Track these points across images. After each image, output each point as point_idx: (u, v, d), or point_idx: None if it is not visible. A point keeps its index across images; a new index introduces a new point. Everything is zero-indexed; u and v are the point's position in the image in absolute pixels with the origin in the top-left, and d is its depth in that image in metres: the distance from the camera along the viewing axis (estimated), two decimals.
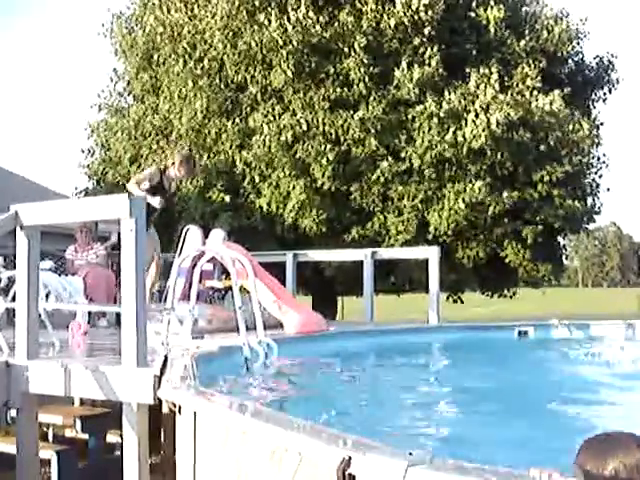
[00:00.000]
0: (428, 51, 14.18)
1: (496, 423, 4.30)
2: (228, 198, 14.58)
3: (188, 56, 14.76)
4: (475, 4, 15.34)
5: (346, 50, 14.04)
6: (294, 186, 13.98)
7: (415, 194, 14.05)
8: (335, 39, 14.09)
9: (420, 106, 13.89)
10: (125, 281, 4.17)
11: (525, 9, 16.85)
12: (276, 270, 8.91)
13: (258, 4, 14.24)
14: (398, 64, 14.15)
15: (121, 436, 4.23)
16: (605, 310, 29.97)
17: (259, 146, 13.93)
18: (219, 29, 14.28)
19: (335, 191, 14.07)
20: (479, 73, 14.26)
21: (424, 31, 14.29)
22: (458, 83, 14.37)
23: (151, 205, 7.33)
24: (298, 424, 2.70)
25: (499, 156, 13.91)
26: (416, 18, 14.12)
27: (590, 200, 15.98)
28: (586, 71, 17.28)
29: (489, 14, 15.01)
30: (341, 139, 13.89)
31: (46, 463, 5.02)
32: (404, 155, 14.00)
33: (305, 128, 13.78)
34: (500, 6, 15.10)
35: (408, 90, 13.91)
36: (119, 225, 4.26)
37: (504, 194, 14.04)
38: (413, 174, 14.10)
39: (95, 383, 4.27)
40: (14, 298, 5.10)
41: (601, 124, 17.02)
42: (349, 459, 2.22)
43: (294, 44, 13.67)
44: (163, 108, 15.37)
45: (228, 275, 6.09)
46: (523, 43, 15.15)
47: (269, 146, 13.80)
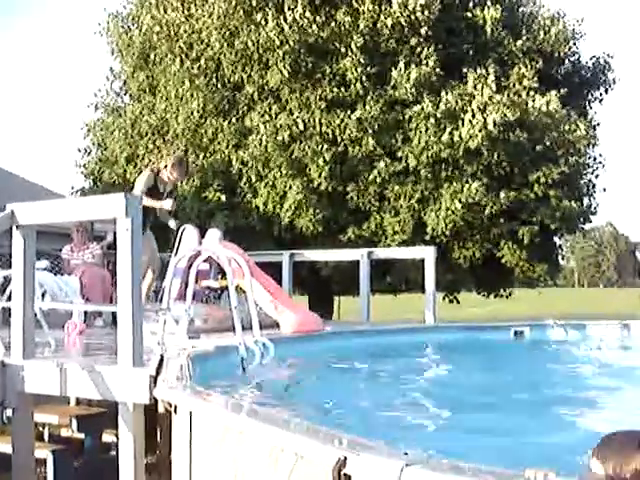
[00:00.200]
0: (425, 51, 14.17)
1: (491, 422, 4.31)
2: (224, 198, 14.55)
3: (185, 55, 14.74)
4: (472, 4, 15.34)
5: (343, 50, 14.03)
6: (291, 186, 13.97)
7: (412, 194, 14.05)
8: (332, 39, 14.07)
9: (417, 106, 13.87)
10: (121, 281, 4.17)
11: (522, 9, 16.87)
12: (272, 270, 8.90)
13: (255, 4, 14.21)
14: (395, 64, 14.13)
15: (117, 436, 4.23)
16: (601, 310, 29.98)
17: (256, 146, 13.92)
18: (216, 29, 14.26)
19: (332, 191, 14.06)
20: (476, 73, 14.25)
21: (421, 31, 14.28)
22: (455, 83, 14.36)
23: (149, 207, 7.32)
24: (294, 424, 2.70)
25: (496, 156, 13.91)
26: (413, 18, 14.12)
27: (586, 200, 15.98)
28: (582, 72, 17.28)
29: (486, 14, 15.00)
30: (338, 139, 13.88)
31: (42, 463, 5.01)
32: (401, 155, 13.99)
33: (302, 128, 13.77)
34: (497, 6, 15.08)
35: (405, 90, 13.89)
36: (115, 225, 4.25)
37: (501, 194, 14.04)
38: (410, 174, 14.08)
39: (91, 383, 4.26)
40: (10, 297, 5.10)
41: (597, 124, 17.08)
42: (345, 459, 2.22)
43: (291, 44, 13.66)
44: (160, 107, 15.34)
45: (224, 275, 6.08)
46: (520, 43, 15.14)
47: (266, 146, 13.79)
